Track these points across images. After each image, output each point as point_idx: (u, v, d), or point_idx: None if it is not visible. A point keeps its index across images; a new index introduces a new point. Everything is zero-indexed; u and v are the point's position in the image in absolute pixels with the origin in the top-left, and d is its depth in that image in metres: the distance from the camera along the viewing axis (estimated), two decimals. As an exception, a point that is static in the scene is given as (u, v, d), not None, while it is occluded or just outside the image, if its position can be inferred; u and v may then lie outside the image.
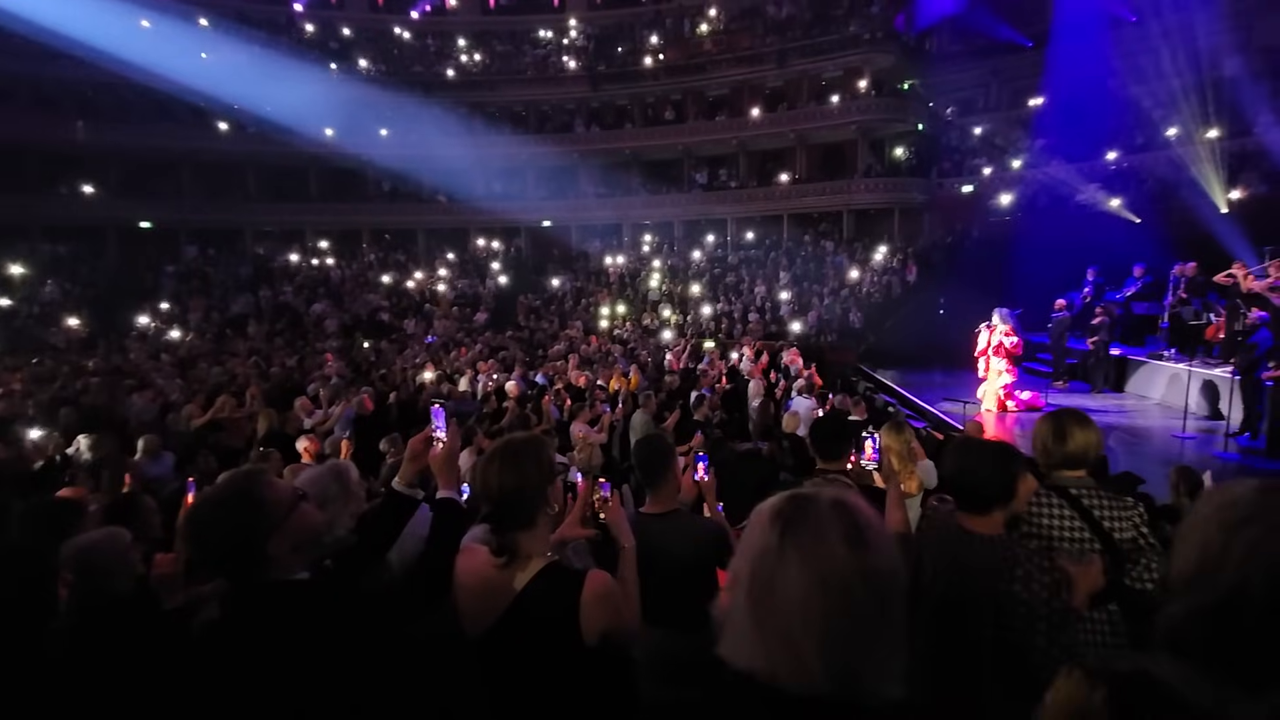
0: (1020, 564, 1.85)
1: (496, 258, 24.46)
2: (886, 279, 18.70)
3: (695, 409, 7.41)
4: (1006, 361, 9.72)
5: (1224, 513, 0.97)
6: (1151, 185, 16.47)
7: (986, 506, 1.99)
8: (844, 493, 0.99)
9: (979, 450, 2.02)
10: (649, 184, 26.20)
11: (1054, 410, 2.39)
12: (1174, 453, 7.64)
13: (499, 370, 10.91)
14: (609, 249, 24.64)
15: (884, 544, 0.94)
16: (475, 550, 1.81)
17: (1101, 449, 2.30)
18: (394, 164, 23.87)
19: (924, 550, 2.03)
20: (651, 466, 2.53)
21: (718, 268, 21.89)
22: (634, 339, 15.71)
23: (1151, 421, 9.11)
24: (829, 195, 23.35)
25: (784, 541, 0.93)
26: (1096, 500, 2.22)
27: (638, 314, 19.17)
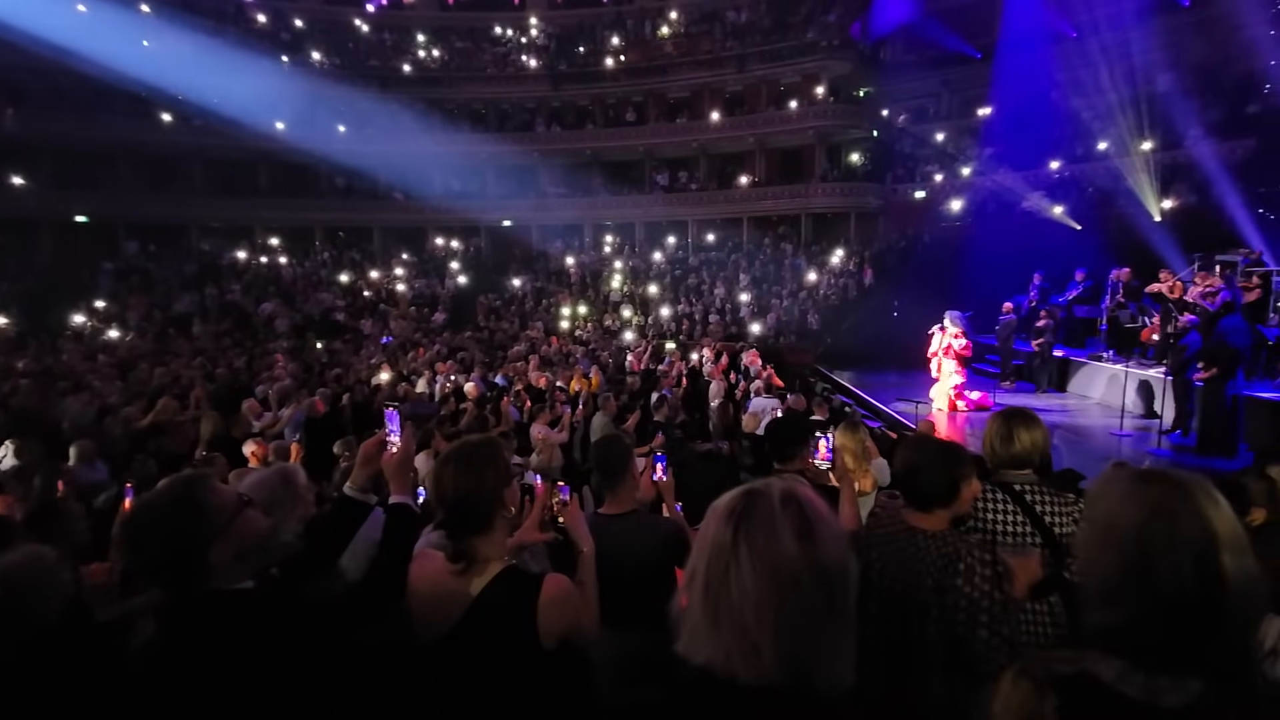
0: (963, 558, 1.90)
1: (455, 257, 24.17)
2: (843, 282, 19.09)
3: (656, 410, 7.44)
4: (957, 363, 10.03)
5: (1125, 513, 0.99)
6: (1091, 193, 17.23)
7: (931, 503, 2.05)
8: (795, 486, 1.01)
9: (926, 449, 2.07)
10: (610, 185, 26.18)
11: (1002, 411, 2.47)
12: (1113, 450, 8.01)
13: (458, 371, 10.77)
14: (570, 249, 24.56)
15: (833, 538, 0.96)
16: (430, 556, 1.78)
17: (1048, 448, 2.39)
18: (349, 160, 23.30)
19: (871, 547, 2.08)
20: (609, 467, 2.53)
21: (678, 269, 22.01)
22: (595, 340, 15.66)
23: (1092, 420, 9.52)
24: (788, 199, 23.73)
25: (737, 537, 0.94)
26: (1040, 496, 2.30)
27: (599, 315, 19.16)
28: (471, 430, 6.16)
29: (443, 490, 1.69)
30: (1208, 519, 0.94)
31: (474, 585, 1.66)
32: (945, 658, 1.84)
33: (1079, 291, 12.19)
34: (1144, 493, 0.99)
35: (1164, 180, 15.43)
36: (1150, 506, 0.97)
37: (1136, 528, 0.97)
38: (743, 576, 0.92)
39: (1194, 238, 12.10)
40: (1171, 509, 0.96)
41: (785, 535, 0.93)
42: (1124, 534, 0.98)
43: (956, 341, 9.95)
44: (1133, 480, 1.01)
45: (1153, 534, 0.95)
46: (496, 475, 1.71)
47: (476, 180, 26.54)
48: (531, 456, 6.58)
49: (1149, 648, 0.95)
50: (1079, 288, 12.24)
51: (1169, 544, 0.94)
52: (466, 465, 1.70)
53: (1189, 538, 0.94)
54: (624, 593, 2.34)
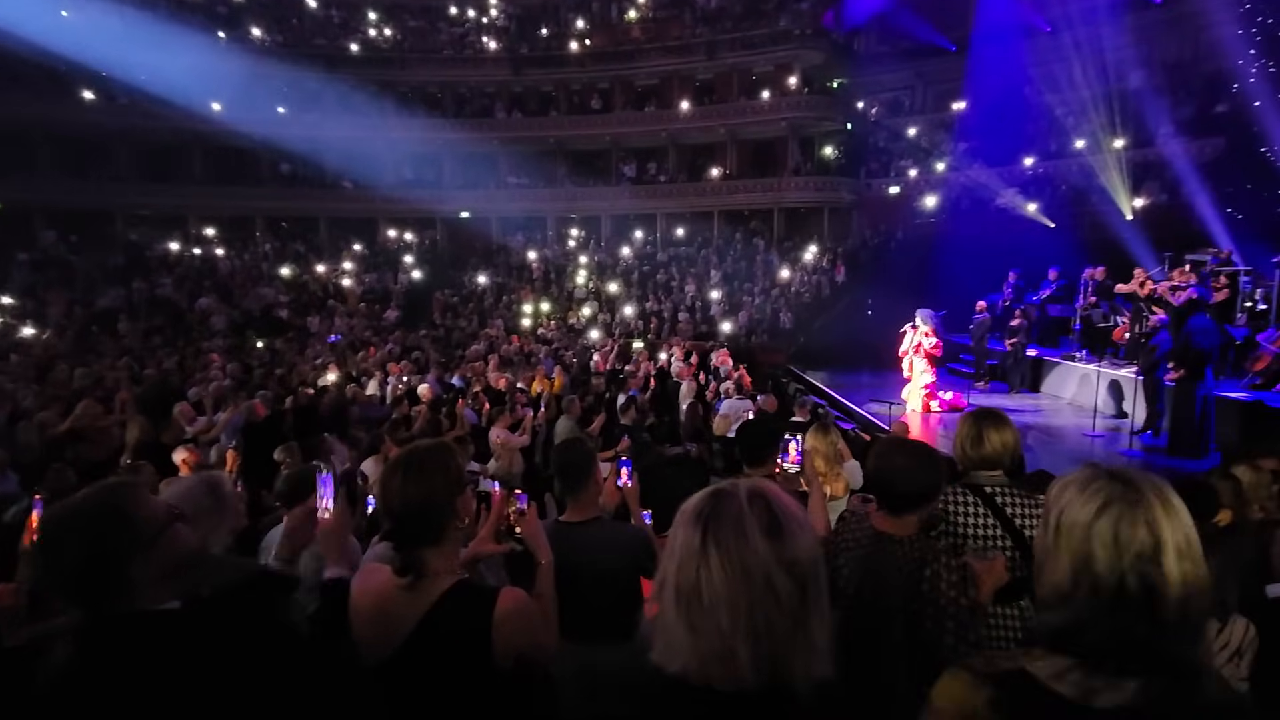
0: (929, 564, 1.94)
1: (409, 250, 23.90)
2: (816, 279, 19.38)
3: (622, 412, 7.44)
4: (927, 362, 10.26)
5: (1074, 511, 1.03)
6: (1065, 191, 17.82)
7: (904, 508, 2.09)
8: (762, 483, 1.03)
9: (900, 453, 2.11)
10: (575, 176, 26.11)
11: (972, 411, 2.52)
12: (1085, 451, 8.28)
13: (411, 372, 10.67)
14: (532, 243, 24.45)
15: (801, 532, 0.98)
16: (376, 570, 1.74)
17: (1019, 449, 2.45)
18: (293, 145, 22.76)
19: (838, 553, 2.11)
20: (571, 472, 2.52)
21: (647, 265, 22.07)
22: (558, 339, 15.62)
23: (1064, 420, 9.83)
24: (760, 192, 23.98)
25: (706, 539, 0.96)
26: (1010, 499, 2.33)
27: (562, 312, 19.12)
28: (425, 435, 6.05)
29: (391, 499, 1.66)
30: (1154, 521, 0.98)
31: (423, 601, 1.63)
32: (912, 663, 1.88)
33: (1052, 290, 12.59)
34: (1093, 493, 1.03)
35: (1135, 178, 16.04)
36: (1097, 507, 1.01)
37: (1083, 528, 1.01)
38: (714, 579, 0.94)
39: (1165, 236, 12.60)
40: (1118, 510, 1.00)
41: (754, 534, 0.95)
42: (1071, 534, 1.02)
43: (926, 340, 10.19)
44: (1085, 481, 1.05)
45: (1098, 534, 0.99)
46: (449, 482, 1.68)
47: (432, 169, 26.23)
48: (490, 462, 6.59)
49: (1089, 647, 0.98)
50: (1052, 287, 12.63)
51: (1112, 545, 0.98)
52: (417, 472, 1.67)
53: (1132, 539, 0.98)
54: (586, 604, 2.34)
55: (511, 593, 1.66)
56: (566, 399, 7.79)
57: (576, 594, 2.23)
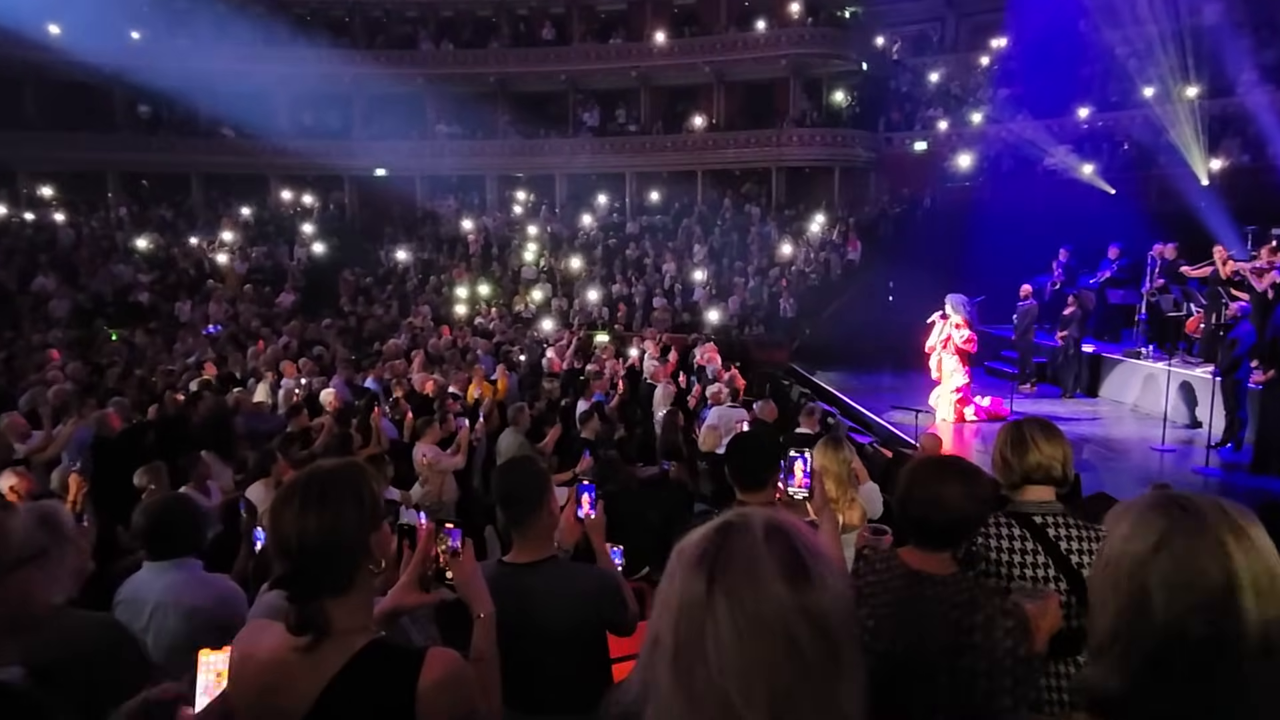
0: (981, 608, 1.95)
1: (309, 217, 23.63)
2: (825, 256, 19.58)
3: (583, 423, 7.47)
4: (959, 359, 10.44)
5: (1126, 543, 1.06)
6: (1127, 150, 18.27)
7: (942, 543, 2.10)
8: (778, 515, 1.03)
9: (944, 476, 2.12)
10: (522, 124, 26.04)
11: (1016, 420, 2.55)
12: (1153, 469, 8.49)
13: (312, 373, 10.59)
14: (468, 209, 24.23)
15: (832, 576, 0.99)
16: (264, 627, 1.70)
17: (1071, 465, 2.49)
18: (155, 81, 22.27)
19: (861, 599, 2.12)
20: (518, 501, 2.50)
21: (613, 238, 22.03)
22: (502, 331, 15.56)
23: (1127, 431, 10.07)
24: (754, 147, 24.14)
25: (713, 587, 0.95)
26: (1064, 530, 2.36)
27: (507, 297, 19.02)
28: (329, 453, 5.97)
29: (284, 536, 1.63)
30: (1225, 554, 1.00)
31: (327, 667, 1.60)
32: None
33: (1112, 272, 12.90)
34: (1150, 521, 1.05)
35: (1212, 135, 16.50)
36: (1156, 537, 1.04)
37: (1136, 564, 1.03)
38: (723, 636, 0.93)
39: (1247, 206, 12.97)
40: (1181, 542, 1.02)
41: (773, 579, 0.95)
42: (1121, 571, 1.05)
43: (958, 333, 10.36)
44: (1144, 507, 1.08)
45: (1155, 572, 1.02)
46: (360, 514, 1.66)
47: (338, 114, 25.95)
48: (415, 488, 6.54)
49: (1138, 709, 1.00)
50: (1112, 267, 12.94)
51: (1172, 584, 1.01)
52: (318, 501, 1.63)
53: (1196, 577, 1.00)
54: (537, 667, 2.33)
55: (441, 655, 1.64)
56: (513, 407, 7.80)
57: (525, 654, 2.21)
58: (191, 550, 2.98)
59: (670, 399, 9.45)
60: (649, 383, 10.41)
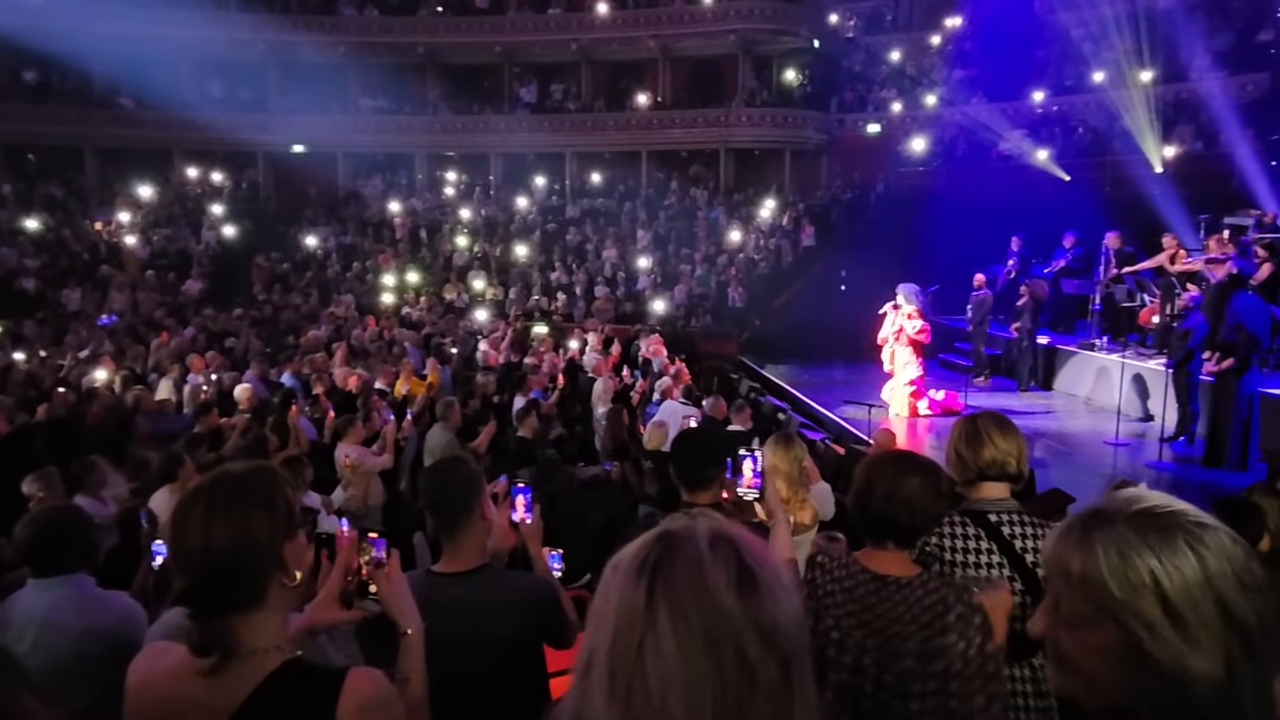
0: (952, 608, 2.00)
1: (218, 197, 23.13)
2: (775, 243, 19.82)
3: (520, 421, 7.43)
4: (912, 351, 10.67)
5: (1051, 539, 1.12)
6: (1082, 135, 18.87)
7: (907, 541, 2.15)
8: (726, 524, 1.03)
9: (908, 471, 2.17)
10: (453, 99, 25.80)
11: (970, 414, 2.62)
12: (1107, 463, 8.81)
13: (222, 368, 10.50)
14: (395, 190, 23.96)
15: (782, 588, 0.98)
16: (164, 650, 1.65)
17: (1026, 460, 2.56)
18: (41, 42, 21.42)
19: (824, 609, 2.14)
20: (447, 505, 2.47)
21: (552, 222, 21.99)
22: (432, 322, 15.41)
23: (1081, 425, 10.42)
24: (701, 127, 24.29)
25: (653, 598, 0.94)
26: (1019, 528, 2.45)
27: (438, 286, 18.92)
28: (242, 455, 5.88)
29: (186, 547, 1.58)
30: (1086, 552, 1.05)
31: (235, 691, 1.55)
32: None
33: (1067, 261, 13.33)
34: (1074, 518, 1.11)
35: (1166, 122, 17.15)
36: (1064, 531, 1.10)
37: (1053, 558, 1.09)
38: (664, 652, 0.92)
39: (1200, 195, 13.53)
40: (1081, 536, 1.07)
41: (720, 589, 0.94)
42: (1046, 565, 1.11)
43: (910, 324, 10.59)
44: (1082, 522, 1.11)
45: (1059, 566, 1.08)
46: (272, 522, 1.61)
47: (252, 84, 25.30)
48: (337, 492, 6.47)
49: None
50: (1066, 256, 13.37)
51: (1066, 577, 1.06)
52: (225, 508, 1.59)
53: (1086, 572, 1.05)
54: (469, 686, 2.31)
55: (364, 675, 1.61)
56: (443, 403, 7.73)
57: (455, 672, 2.19)
58: (83, 565, 2.88)
59: (613, 394, 9.46)
60: (590, 377, 10.41)
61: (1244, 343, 8.20)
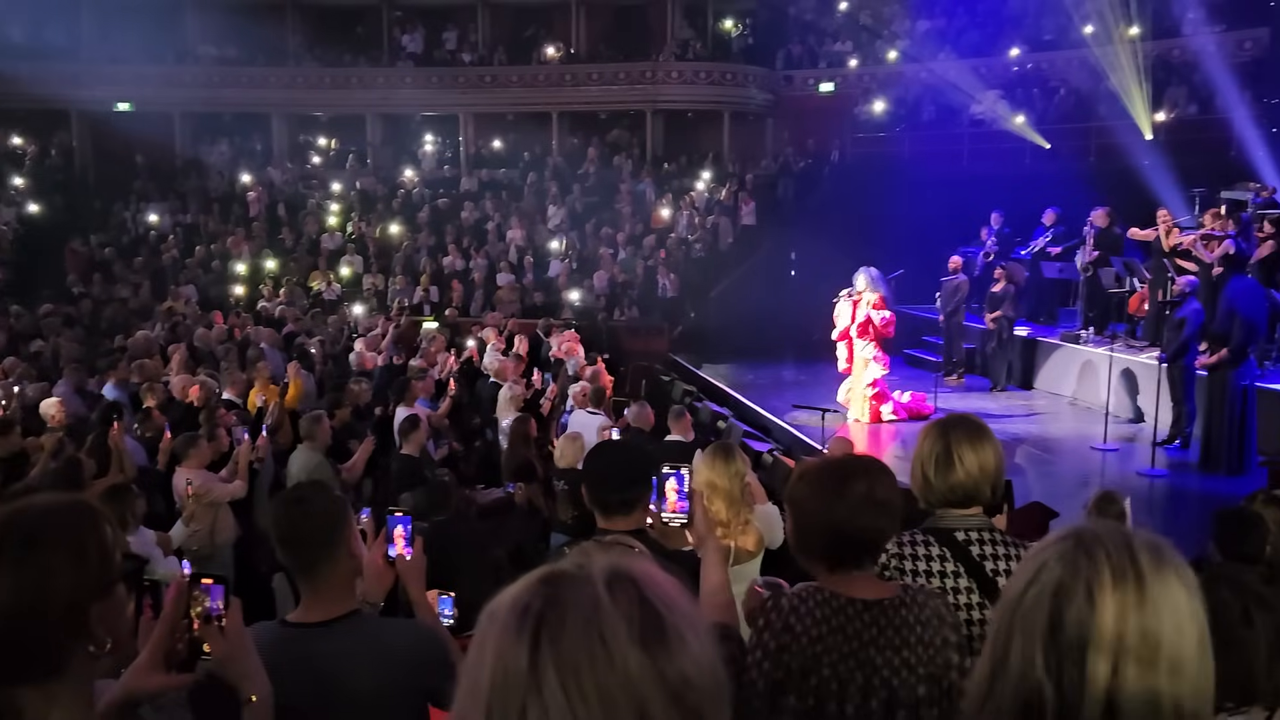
0: (945, 619, 2.16)
1: (20, 167, 22.61)
2: (712, 221, 19.98)
3: (404, 436, 7.36)
4: (875, 345, 10.88)
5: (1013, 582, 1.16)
6: (1064, 97, 19.55)
7: (873, 556, 2.23)
8: (625, 560, 1.02)
9: (857, 477, 2.22)
10: (320, 48, 25.47)
11: (939, 421, 2.67)
12: (1094, 471, 9.13)
13: (27, 377, 10.21)
14: (246, 159, 23.65)
15: (695, 636, 0.98)
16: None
17: (1003, 473, 2.63)
18: None
19: (814, 657, 2.14)
20: (305, 541, 2.41)
21: (444, 197, 21.82)
22: (295, 317, 15.10)
23: (1065, 429, 10.79)
24: (624, 84, 24.36)
25: (538, 654, 0.93)
26: (990, 547, 2.50)
27: (302, 274, 18.61)
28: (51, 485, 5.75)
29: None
30: (1090, 603, 1.08)
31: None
32: None
33: (1047, 240, 13.76)
34: (1038, 556, 1.15)
35: (1156, 83, 17.89)
36: (1032, 573, 1.13)
37: (1009, 608, 1.13)
38: (551, 717, 0.91)
39: (1195, 165, 14.15)
40: (1050, 578, 1.11)
41: (621, 641, 0.93)
42: (998, 622, 1.15)
43: (875, 314, 10.79)
44: (1047, 540, 1.16)
45: (1021, 617, 1.11)
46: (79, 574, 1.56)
47: (61, 26, 24.54)
48: (176, 527, 6.28)
49: None
50: (1047, 235, 13.81)
51: (1027, 630, 1.10)
52: (16, 555, 1.54)
53: (1049, 622, 1.09)
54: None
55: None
56: (309, 417, 7.58)
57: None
58: None
59: (519, 403, 9.41)
60: (491, 382, 10.33)
61: (1239, 332, 8.57)
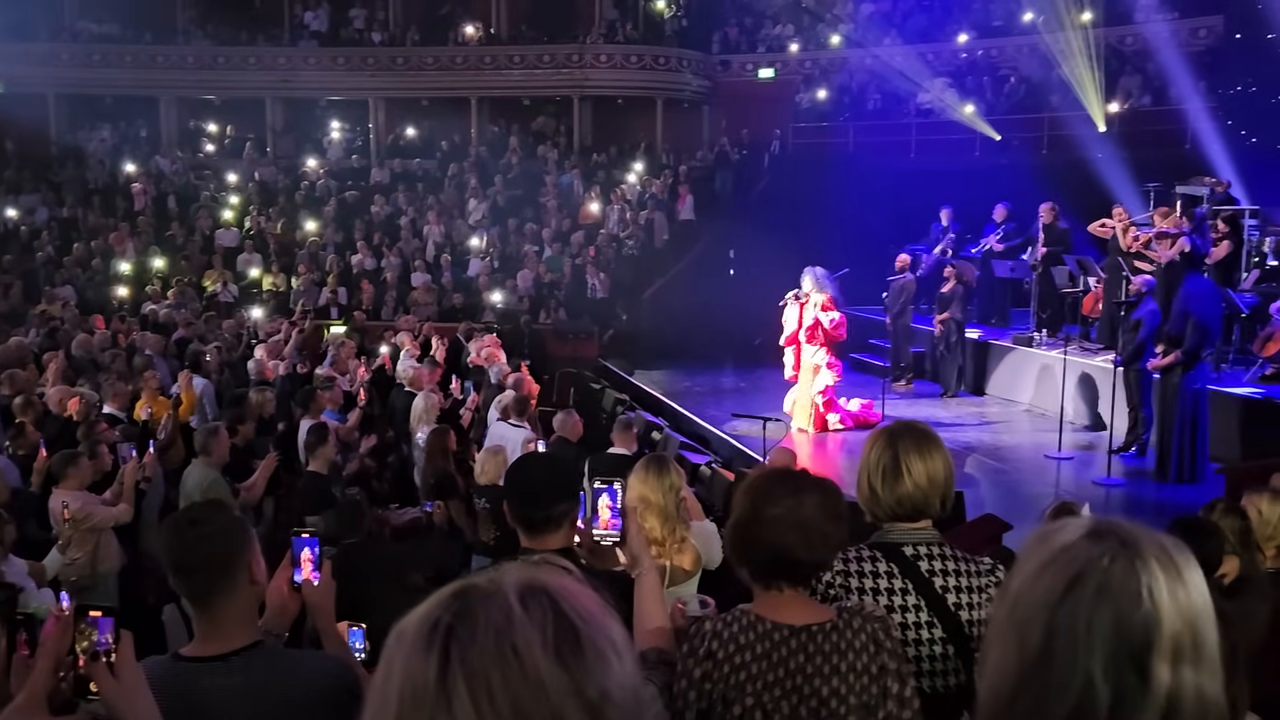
0: (883, 646, 2.17)
1: None
2: (646, 216, 20.03)
3: (310, 452, 7.29)
4: (826, 351, 11.01)
5: (1043, 579, 1.16)
6: (1015, 85, 20.03)
7: (807, 576, 2.24)
8: (540, 574, 1.04)
9: (789, 485, 2.25)
10: (214, 25, 25.04)
11: (885, 429, 2.71)
12: (1049, 481, 9.35)
13: None
14: (130, 146, 23.21)
15: (613, 649, 0.99)
16: None
17: (952, 483, 2.70)
18: None
19: (733, 684, 2.16)
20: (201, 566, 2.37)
21: (352, 189, 21.62)
22: (187, 322, 14.79)
23: (1019, 437, 11.03)
24: (549, 68, 24.35)
25: (446, 669, 0.94)
26: (939, 563, 2.56)
27: (195, 274, 18.28)
28: None
29: None
30: (1155, 604, 1.10)
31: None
32: None
33: (998, 237, 14.07)
34: (1075, 552, 1.15)
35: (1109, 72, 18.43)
36: (1075, 570, 1.13)
37: (1048, 607, 1.13)
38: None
39: (1150, 158, 14.57)
40: (1099, 579, 1.12)
41: (535, 654, 0.94)
42: (1025, 613, 1.14)
43: (824, 316, 10.91)
44: (1071, 534, 1.18)
45: (1064, 616, 1.11)
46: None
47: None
48: (52, 555, 6.14)
49: None
50: (998, 232, 14.12)
51: (1083, 633, 1.10)
52: None
53: (1116, 628, 1.10)
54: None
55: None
56: (205, 429, 7.43)
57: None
58: None
59: (436, 414, 9.35)
60: (406, 392, 10.24)
61: (1192, 334, 8.83)
